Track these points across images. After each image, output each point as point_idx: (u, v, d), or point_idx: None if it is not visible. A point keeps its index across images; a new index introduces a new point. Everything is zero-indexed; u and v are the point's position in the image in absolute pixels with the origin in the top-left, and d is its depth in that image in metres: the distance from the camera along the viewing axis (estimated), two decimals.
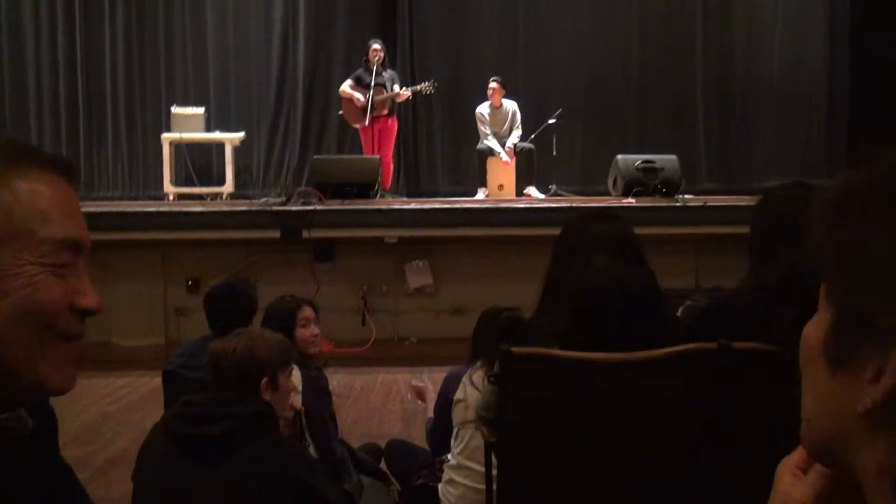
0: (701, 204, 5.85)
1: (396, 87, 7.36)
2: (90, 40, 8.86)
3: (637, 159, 6.15)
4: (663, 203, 5.83)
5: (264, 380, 2.03)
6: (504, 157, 7.25)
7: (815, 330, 0.59)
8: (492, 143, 7.34)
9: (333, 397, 3.21)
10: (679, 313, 2.50)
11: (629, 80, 8.98)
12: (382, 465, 3.04)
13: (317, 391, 2.77)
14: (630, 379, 1.75)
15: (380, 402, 4.56)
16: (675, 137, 8.55)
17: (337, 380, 4.55)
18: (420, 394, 3.38)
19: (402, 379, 5.00)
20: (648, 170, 6.04)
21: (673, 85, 8.97)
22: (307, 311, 3.02)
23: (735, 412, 1.73)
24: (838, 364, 0.56)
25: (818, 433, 0.59)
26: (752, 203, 2.16)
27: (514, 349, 1.75)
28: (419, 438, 3.35)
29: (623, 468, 1.75)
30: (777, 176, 7.03)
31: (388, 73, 7.38)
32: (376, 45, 7.29)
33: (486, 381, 2.08)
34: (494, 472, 2.05)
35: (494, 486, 2.06)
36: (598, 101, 8.89)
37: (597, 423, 1.76)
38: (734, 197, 6.32)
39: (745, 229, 2.13)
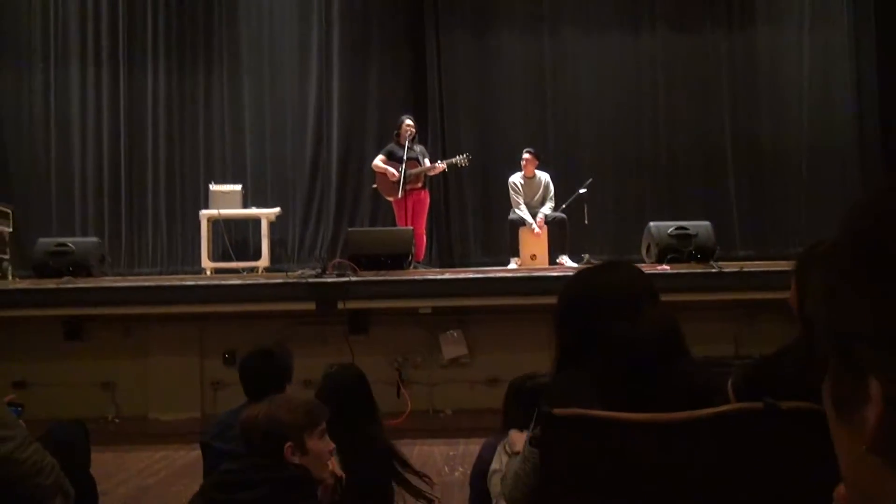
0: (737, 270, 5.78)
1: (427, 161, 7.50)
2: (133, 122, 9.23)
3: (670, 226, 6.13)
4: (698, 269, 5.78)
5: (287, 445, 2.00)
6: (535, 227, 7.30)
7: (825, 384, 0.59)
8: (523, 212, 7.41)
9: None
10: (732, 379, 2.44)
11: (658, 149, 9.06)
12: None
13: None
14: (675, 439, 1.71)
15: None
16: (707, 205, 8.55)
17: None
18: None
19: (439, 451, 4.92)
20: (682, 236, 6.01)
21: (702, 153, 9.04)
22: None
23: (784, 474, 1.68)
24: (842, 408, 0.56)
25: (850, 488, 0.58)
26: (788, 268, 2.13)
27: (556, 411, 1.73)
28: None
29: None
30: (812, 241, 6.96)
31: (418, 148, 7.55)
32: (409, 121, 7.47)
33: (511, 460, 2.05)
34: None
35: None
36: (627, 170, 8.97)
37: (641, 484, 1.72)
38: (771, 263, 6.24)
39: (783, 294, 2.10)
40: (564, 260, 7.25)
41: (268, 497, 1.85)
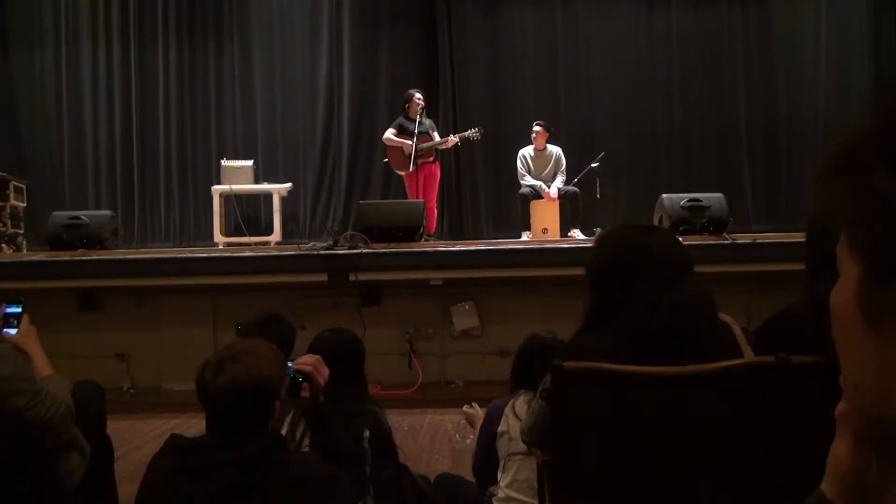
0: (750, 241, 5.74)
1: (436, 135, 7.49)
2: (145, 99, 9.25)
3: (683, 198, 6.08)
4: (711, 241, 5.75)
5: (276, 403, 1.82)
6: (547, 189, 7.27)
7: (842, 292, 0.57)
8: (531, 182, 7.39)
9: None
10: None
11: (671, 122, 9.00)
12: None
13: (383, 424, 2.72)
14: (686, 393, 1.71)
15: (428, 442, 4.51)
16: (720, 180, 8.46)
17: None
18: (471, 420, 3.32)
19: (450, 419, 4.95)
20: (695, 208, 5.96)
21: (716, 126, 8.96)
22: None
23: (794, 427, 1.68)
24: (877, 315, 0.54)
25: (869, 395, 0.57)
26: (801, 239, 2.12)
27: (567, 364, 1.73)
28: (468, 475, 3.30)
29: (680, 483, 1.70)
30: None
31: (427, 121, 7.53)
32: (419, 95, 7.45)
33: (531, 404, 2.04)
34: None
35: None
36: (640, 143, 8.92)
37: (652, 439, 1.72)
38: (784, 234, 6.20)
39: (796, 266, 2.09)
40: (576, 233, 7.23)
41: (237, 480, 1.67)
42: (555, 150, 7.58)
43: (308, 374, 1.98)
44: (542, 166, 7.53)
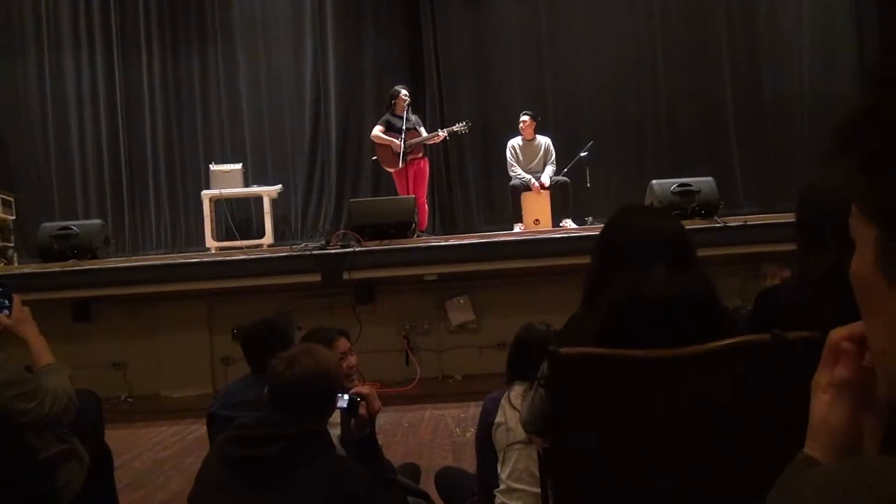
0: (741, 224, 5.76)
1: (423, 130, 7.48)
2: (130, 106, 9.20)
3: (673, 183, 6.09)
4: (703, 225, 5.76)
5: (334, 399, 2.06)
6: (534, 182, 7.26)
7: (861, 260, 0.57)
8: (520, 174, 7.38)
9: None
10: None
11: (658, 107, 8.98)
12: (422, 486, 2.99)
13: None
14: (682, 374, 1.71)
15: (428, 437, 4.51)
16: (709, 162, 8.47)
17: (384, 418, 4.52)
18: None
19: (450, 414, 4.95)
20: (685, 193, 5.97)
21: (703, 109, 8.95)
22: (343, 344, 2.91)
23: (791, 402, 1.68)
24: None
25: (890, 357, 0.57)
26: (792, 220, 2.12)
27: (562, 350, 1.73)
28: (469, 468, 3.30)
29: (680, 464, 1.70)
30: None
31: (414, 117, 7.51)
32: (405, 91, 7.43)
33: (528, 393, 2.04)
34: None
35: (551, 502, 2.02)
36: (628, 130, 8.91)
37: (651, 421, 1.72)
38: (774, 216, 6.22)
39: (787, 247, 2.09)
40: (568, 223, 7.22)
41: (287, 451, 1.85)
42: (544, 140, 7.57)
43: (366, 395, 2.24)
44: (531, 157, 7.52)
